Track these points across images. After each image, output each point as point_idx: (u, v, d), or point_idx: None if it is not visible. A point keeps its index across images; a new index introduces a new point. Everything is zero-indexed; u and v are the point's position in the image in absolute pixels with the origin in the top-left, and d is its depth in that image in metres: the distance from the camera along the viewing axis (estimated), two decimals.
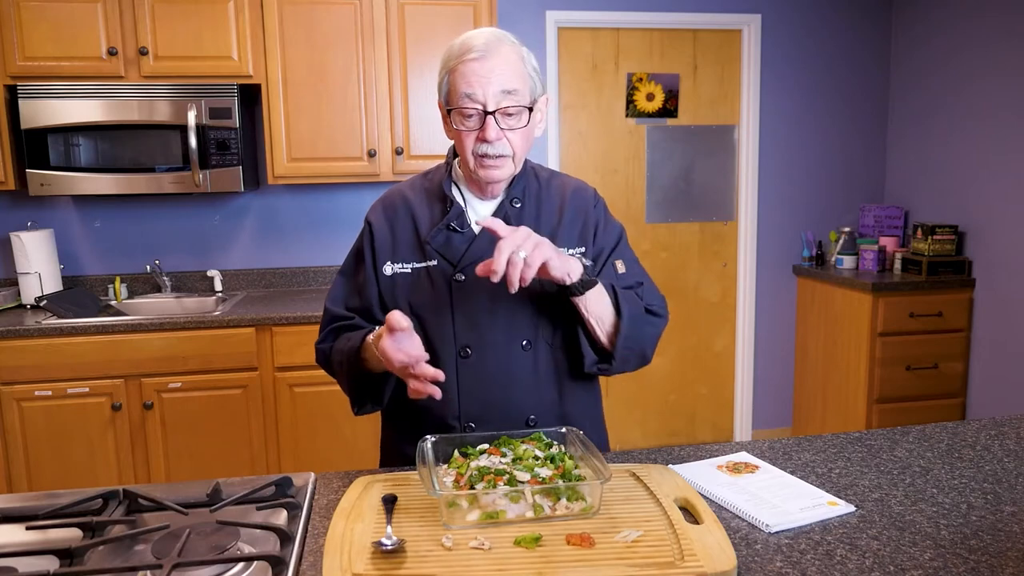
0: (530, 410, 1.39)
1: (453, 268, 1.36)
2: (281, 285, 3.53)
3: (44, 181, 2.95)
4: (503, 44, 1.30)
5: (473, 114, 1.29)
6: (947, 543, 1.04)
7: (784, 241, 3.99)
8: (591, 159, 3.81)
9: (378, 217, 1.44)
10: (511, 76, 1.29)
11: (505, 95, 1.28)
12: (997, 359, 3.40)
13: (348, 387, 1.41)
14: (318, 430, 2.97)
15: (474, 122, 1.30)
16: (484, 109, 1.28)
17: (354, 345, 1.35)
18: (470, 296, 1.35)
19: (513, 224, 1.36)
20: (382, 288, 1.40)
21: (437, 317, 1.37)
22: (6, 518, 1.17)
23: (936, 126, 3.68)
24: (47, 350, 2.77)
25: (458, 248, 1.37)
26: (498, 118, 1.29)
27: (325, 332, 1.45)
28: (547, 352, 1.40)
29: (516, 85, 1.29)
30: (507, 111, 1.29)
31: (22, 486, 2.80)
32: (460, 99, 1.29)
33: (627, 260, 1.46)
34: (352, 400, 1.43)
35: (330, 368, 1.45)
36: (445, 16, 3.12)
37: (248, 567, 1.00)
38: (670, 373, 4.02)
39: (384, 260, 1.40)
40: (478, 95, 1.28)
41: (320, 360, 1.47)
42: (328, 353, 1.44)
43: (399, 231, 1.41)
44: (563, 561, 0.97)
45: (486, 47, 1.28)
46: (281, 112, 3.07)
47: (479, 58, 1.28)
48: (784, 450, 1.41)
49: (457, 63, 1.29)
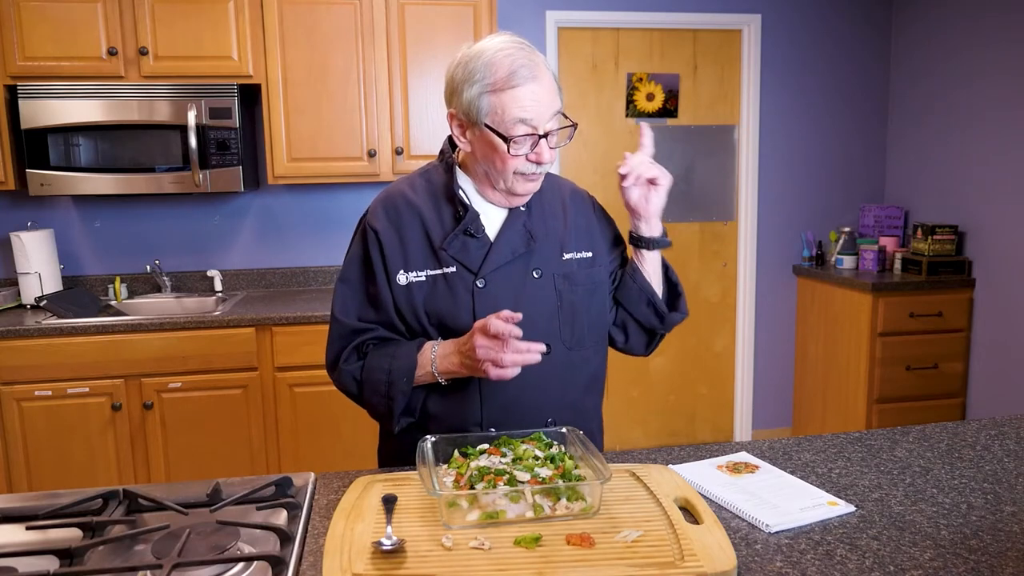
0: (549, 413, 1.39)
1: (473, 275, 1.35)
2: (281, 285, 3.53)
3: (44, 181, 2.95)
4: (541, 63, 1.28)
5: (527, 136, 1.27)
6: (947, 543, 1.04)
7: (784, 241, 3.99)
8: (591, 159, 3.81)
9: (383, 223, 1.38)
10: (556, 95, 1.29)
11: (556, 117, 1.29)
12: (997, 359, 3.40)
13: (395, 406, 1.35)
14: (318, 430, 2.97)
15: (527, 146, 1.28)
16: (538, 133, 1.27)
17: (410, 365, 1.31)
18: (492, 302, 1.33)
19: (522, 230, 1.38)
20: (397, 298, 1.36)
21: (458, 324, 1.35)
22: (6, 518, 1.17)
23: (936, 126, 3.68)
24: (47, 350, 2.77)
25: (476, 254, 1.36)
26: (549, 139, 1.29)
27: (348, 351, 1.38)
28: (565, 355, 1.40)
29: (559, 104, 1.30)
30: (555, 131, 1.30)
31: (22, 486, 2.80)
32: (514, 124, 1.26)
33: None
34: (395, 419, 1.36)
35: (361, 388, 1.37)
36: (445, 16, 3.12)
37: (248, 567, 1.00)
38: (670, 373, 4.02)
39: (396, 269, 1.36)
40: (534, 120, 1.26)
41: (347, 380, 1.38)
42: (360, 374, 1.36)
43: (408, 237, 1.37)
44: (563, 561, 0.97)
45: (533, 69, 1.26)
46: (281, 112, 3.07)
47: (529, 80, 1.25)
48: (784, 450, 1.41)
49: (505, 86, 1.25)
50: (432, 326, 1.36)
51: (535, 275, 1.37)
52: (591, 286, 1.43)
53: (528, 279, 1.37)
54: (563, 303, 1.39)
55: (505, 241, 1.36)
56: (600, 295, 1.45)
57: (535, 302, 1.35)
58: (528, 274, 1.37)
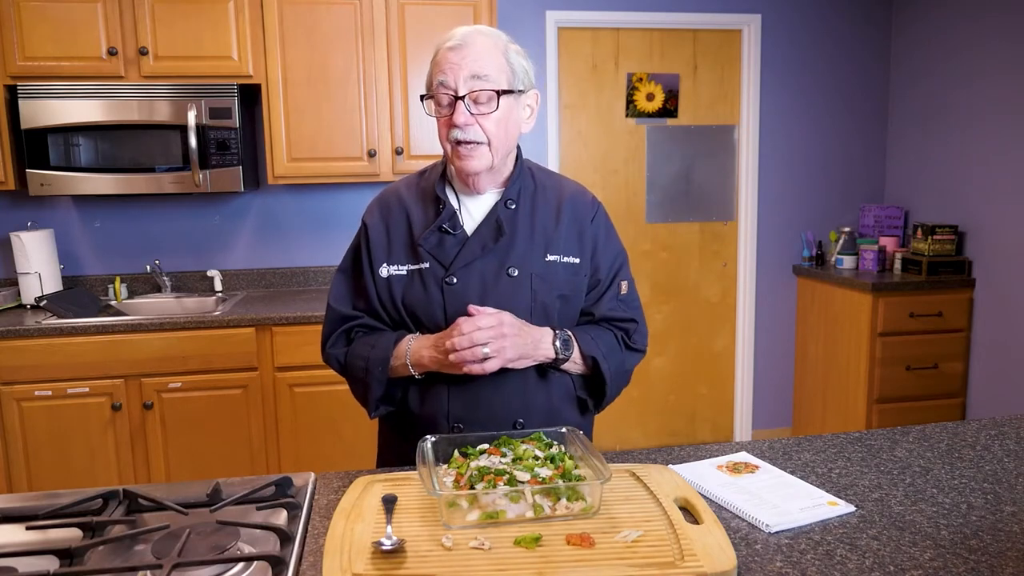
0: (518, 413, 1.39)
1: (445, 270, 1.37)
2: (281, 285, 3.53)
3: (44, 181, 2.95)
4: (480, 35, 1.33)
5: (446, 100, 1.32)
6: (947, 543, 1.04)
7: (784, 241, 3.99)
8: (591, 159, 3.81)
9: (373, 218, 1.45)
10: (483, 63, 1.31)
11: (475, 80, 1.30)
12: (997, 359, 3.40)
13: (370, 393, 1.40)
14: (318, 430, 2.97)
15: (447, 109, 1.32)
16: (455, 94, 1.31)
17: (385, 355, 1.36)
18: (461, 299, 1.35)
19: (506, 227, 1.38)
20: (379, 290, 1.41)
21: (430, 319, 1.38)
22: (6, 518, 1.17)
23: (936, 126, 3.68)
24: (47, 350, 2.77)
25: (450, 250, 1.38)
26: (468, 104, 1.31)
27: (336, 335, 1.45)
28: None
29: (487, 71, 1.31)
30: (477, 97, 1.31)
31: (22, 486, 2.80)
32: (435, 86, 1.33)
33: (629, 283, 1.50)
34: (371, 405, 1.42)
35: (344, 372, 1.44)
36: (445, 16, 3.12)
37: (248, 567, 1.00)
38: (670, 373, 4.02)
39: (380, 262, 1.41)
40: (449, 81, 1.31)
41: (333, 364, 1.46)
42: (344, 359, 1.43)
43: (394, 232, 1.42)
44: (563, 561, 0.97)
45: (463, 37, 1.32)
46: (281, 112, 3.07)
47: (454, 47, 1.31)
48: (784, 450, 1.41)
49: (435, 53, 1.34)
50: (409, 319, 1.40)
51: (511, 273, 1.37)
52: (569, 293, 1.41)
53: (502, 277, 1.37)
54: (536, 304, 1.38)
55: (476, 236, 1.38)
56: (575, 304, 1.44)
57: (507, 300, 1.35)
58: (503, 272, 1.37)
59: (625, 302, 1.47)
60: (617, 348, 1.44)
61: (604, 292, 1.45)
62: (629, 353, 1.47)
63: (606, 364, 1.40)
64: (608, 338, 1.43)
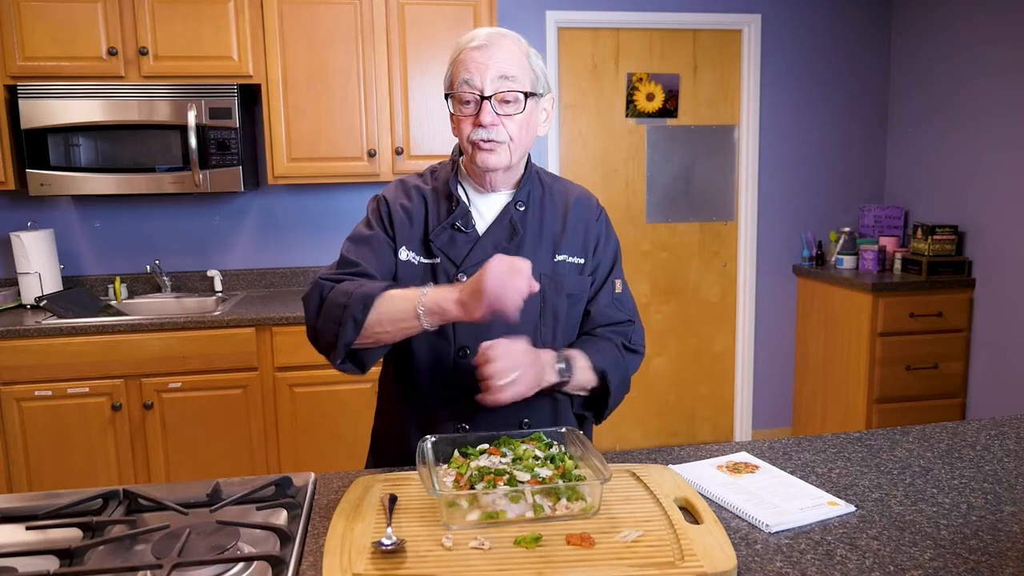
0: (524, 413, 1.39)
1: (456, 268, 1.36)
2: (281, 285, 3.53)
3: (44, 181, 2.95)
4: (505, 37, 1.33)
5: (470, 100, 1.31)
6: (947, 543, 1.04)
7: (784, 241, 3.99)
8: (591, 159, 3.81)
9: (395, 196, 1.41)
10: (510, 64, 1.31)
11: (502, 80, 1.30)
12: (997, 359, 3.40)
13: (342, 331, 1.26)
14: (318, 430, 2.97)
15: (471, 108, 1.32)
16: (481, 94, 1.30)
17: (371, 293, 1.25)
18: None
19: (507, 224, 1.36)
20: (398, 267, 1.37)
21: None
22: (6, 518, 1.17)
23: (936, 126, 3.68)
24: (47, 350, 2.77)
25: (461, 248, 1.37)
26: (494, 104, 1.31)
27: (334, 273, 1.34)
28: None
29: (514, 72, 1.31)
30: (504, 97, 1.31)
31: (22, 486, 2.80)
32: (459, 85, 1.32)
33: (623, 282, 1.49)
34: (339, 349, 1.28)
35: (322, 306, 1.30)
36: (445, 16, 3.12)
37: (248, 567, 1.00)
38: (670, 373, 4.02)
39: (402, 242, 1.38)
40: (475, 81, 1.30)
41: (314, 295, 1.32)
42: (327, 291, 1.30)
43: (414, 219, 1.40)
44: (563, 561, 0.97)
45: (488, 38, 1.32)
46: (281, 112, 3.07)
47: (480, 47, 1.31)
48: (784, 450, 1.41)
49: (459, 52, 1.33)
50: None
51: None
52: (576, 292, 1.42)
53: None
54: (546, 305, 1.38)
55: (489, 235, 1.38)
56: (581, 305, 1.44)
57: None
58: None
59: (620, 301, 1.47)
60: (620, 360, 1.43)
61: (600, 289, 1.46)
62: (630, 358, 1.46)
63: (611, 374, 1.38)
64: (611, 350, 1.42)
